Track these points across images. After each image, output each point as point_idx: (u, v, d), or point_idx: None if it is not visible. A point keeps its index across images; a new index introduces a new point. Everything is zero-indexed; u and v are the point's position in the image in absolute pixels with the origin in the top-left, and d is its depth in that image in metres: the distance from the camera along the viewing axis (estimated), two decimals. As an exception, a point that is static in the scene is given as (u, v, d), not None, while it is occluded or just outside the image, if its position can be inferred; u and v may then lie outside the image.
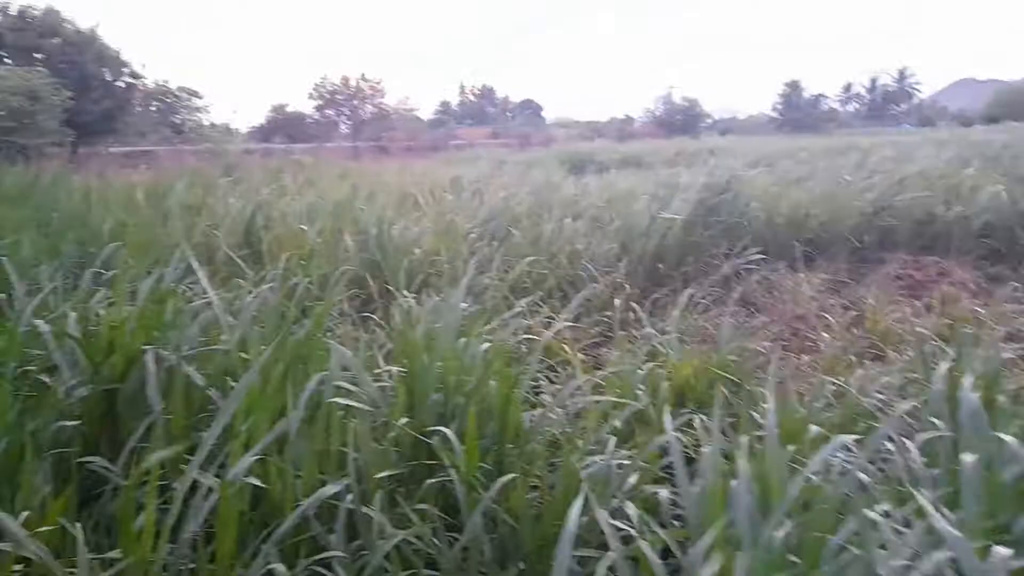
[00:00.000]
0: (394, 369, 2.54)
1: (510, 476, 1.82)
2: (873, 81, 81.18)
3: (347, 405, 2.22)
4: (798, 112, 73.41)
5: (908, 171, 9.31)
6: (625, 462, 2.02)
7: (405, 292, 4.11)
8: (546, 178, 10.82)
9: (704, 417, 2.67)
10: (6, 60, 19.23)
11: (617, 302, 4.54)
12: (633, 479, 2.12)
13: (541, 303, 4.55)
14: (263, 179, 9.86)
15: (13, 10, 22.38)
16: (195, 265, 2.74)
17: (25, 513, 1.76)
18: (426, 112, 69.24)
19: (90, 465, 2.26)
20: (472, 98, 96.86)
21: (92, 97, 22.46)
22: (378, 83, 41.56)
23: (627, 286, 5.10)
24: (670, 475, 2.30)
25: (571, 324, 4.31)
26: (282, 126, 44.95)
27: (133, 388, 2.38)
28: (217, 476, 1.80)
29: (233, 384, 2.49)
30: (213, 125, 25.69)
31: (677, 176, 7.61)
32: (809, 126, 66.21)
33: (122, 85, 25.18)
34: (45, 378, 2.55)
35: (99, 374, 2.37)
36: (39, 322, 2.60)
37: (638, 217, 5.64)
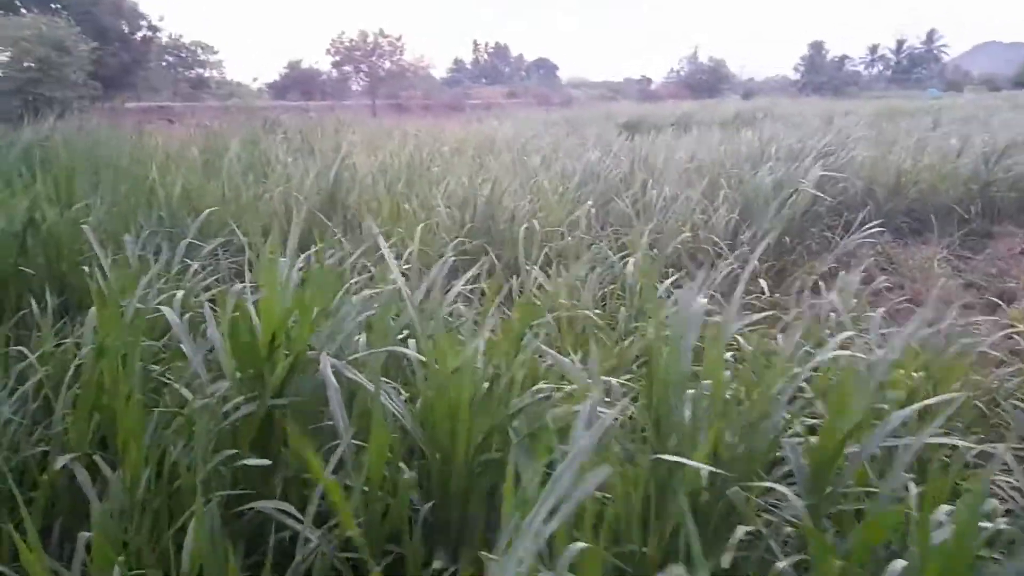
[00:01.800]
0: (613, 381, 2.02)
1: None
2: (900, 43, 79.06)
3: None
4: (822, 74, 71.63)
5: (1004, 138, 8.64)
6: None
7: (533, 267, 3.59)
8: (604, 138, 10.20)
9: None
10: (22, 10, 18.46)
11: (763, 282, 4.02)
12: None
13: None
14: (307, 136, 9.28)
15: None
16: (385, 249, 2.18)
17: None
18: (438, 71, 67.58)
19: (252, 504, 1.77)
20: (486, 56, 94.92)
21: (109, 50, 21.70)
22: (397, 39, 40.31)
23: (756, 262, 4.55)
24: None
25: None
26: (297, 83, 43.94)
27: (297, 403, 1.87)
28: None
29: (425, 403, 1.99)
30: (238, 83, 24.87)
31: (773, 138, 6.97)
32: (832, 88, 64.55)
33: (139, 38, 24.39)
34: (179, 387, 2.04)
35: (257, 382, 1.85)
36: (167, 311, 2.07)
37: (758, 184, 5.05)
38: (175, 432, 1.81)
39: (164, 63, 33.14)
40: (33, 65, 12.54)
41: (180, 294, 2.64)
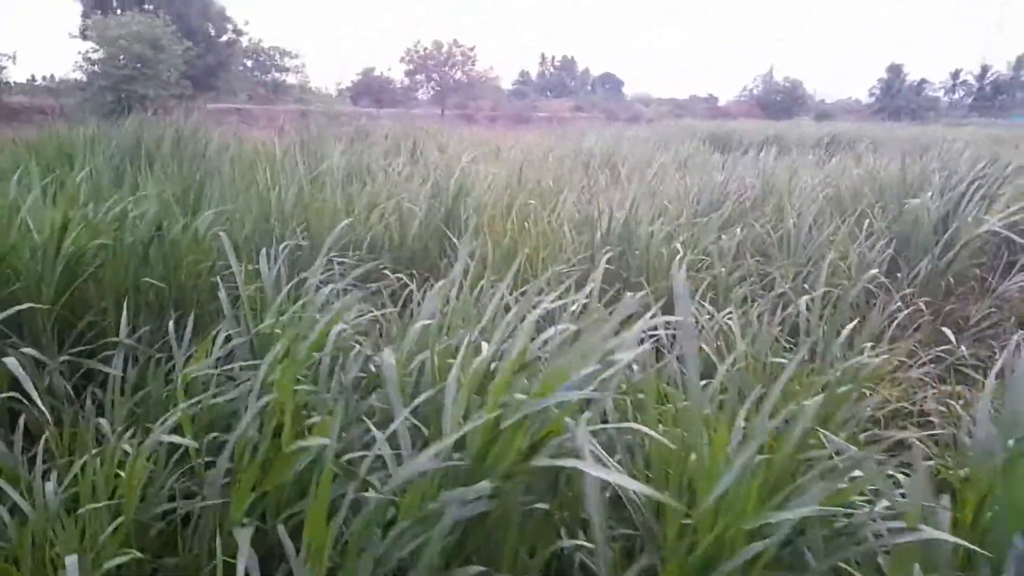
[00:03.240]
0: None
1: None
2: (984, 69, 75.74)
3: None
4: (899, 99, 69.16)
5: None
6: None
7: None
8: (696, 156, 9.73)
9: None
10: (118, 10, 18.93)
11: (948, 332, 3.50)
12: None
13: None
14: (400, 143, 9.06)
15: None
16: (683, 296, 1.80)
17: None
18: (504, 82, 67.51)
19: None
20: (552, 69, 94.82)
21: (196, 51, 22.17)
22: (470, 49, 40.43)
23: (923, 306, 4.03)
24: None
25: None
26: (369, 89, 44.46)
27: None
28: None
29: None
30: (313, 88, 25.19)
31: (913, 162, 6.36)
32: (910, 113, 62.13)
33: (223, 41, 24.91)
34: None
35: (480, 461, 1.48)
36: (389, 366, 1.72)
37: (919, 217, 4.52)
38: (372, 522, 1.44)
39: (242, 67, 33.87)
40: (128, 62, 12.72)
41: (337, 330, 2.32)
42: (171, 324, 2.63)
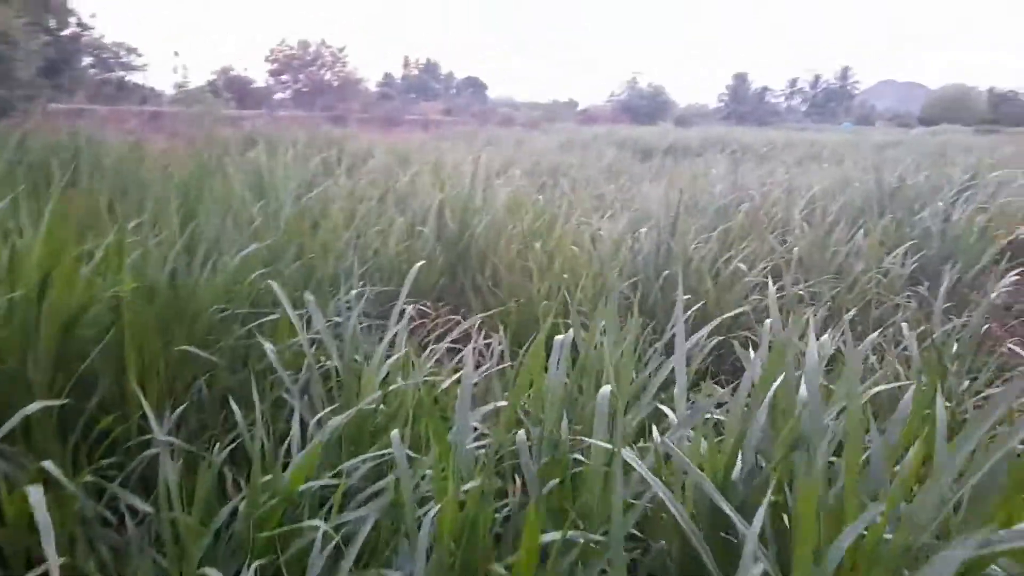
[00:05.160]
0: None
1: None
2: (817, 78, 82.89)
3: None
4: (745, 104, 74.25)
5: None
6: None
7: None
8: (623, 164, 9.59)
9: None
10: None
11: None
12: None
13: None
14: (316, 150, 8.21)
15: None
16: None
17: None
18: (369, 84, 65.24)
19: None
20: (416, 72, 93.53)
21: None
22: (340, 50, 38.89)
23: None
24: None
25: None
26: (229, 90, 41.71)
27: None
28: None
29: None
30: (183, 86, 22.92)
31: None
32: (756, 119, 66.76)
33: (67, 35, 22.30)
34: None
35: None
36: (653, 479, 1.19)
37: (939, 230, 4.47)
38: None
39: (82, 64, 30.64)
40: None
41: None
42: (232, 404, 1.95)
